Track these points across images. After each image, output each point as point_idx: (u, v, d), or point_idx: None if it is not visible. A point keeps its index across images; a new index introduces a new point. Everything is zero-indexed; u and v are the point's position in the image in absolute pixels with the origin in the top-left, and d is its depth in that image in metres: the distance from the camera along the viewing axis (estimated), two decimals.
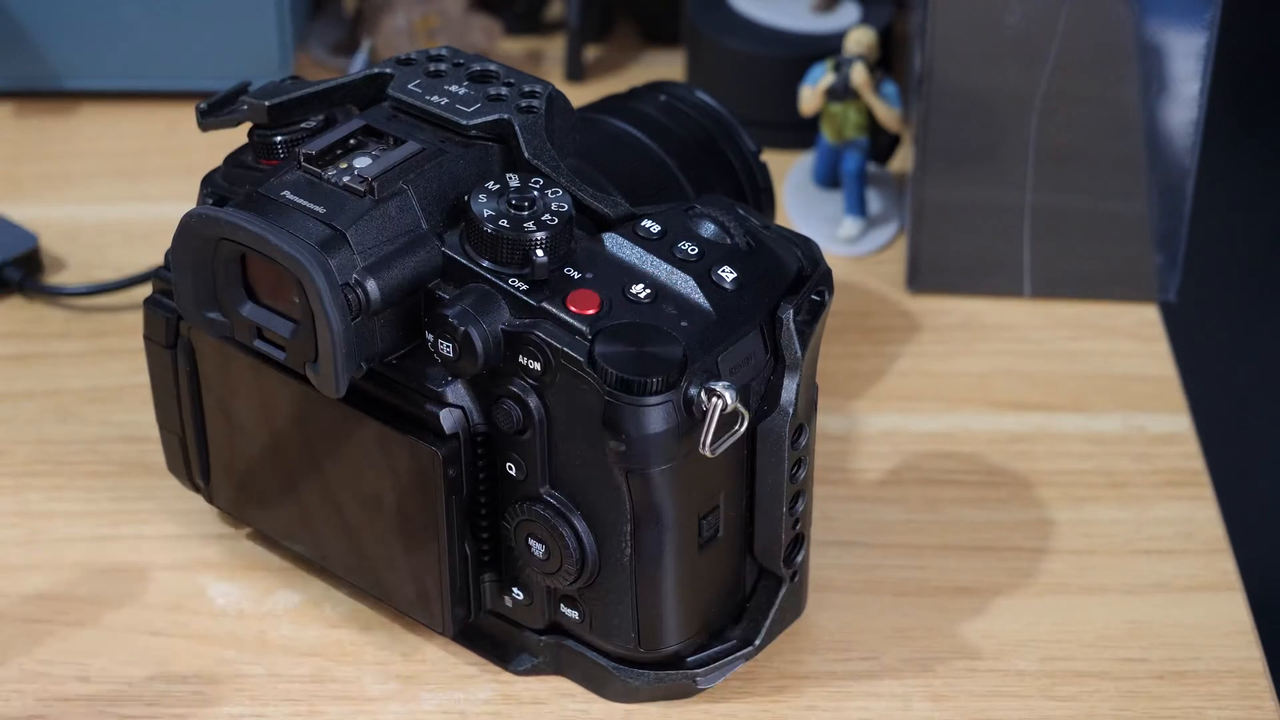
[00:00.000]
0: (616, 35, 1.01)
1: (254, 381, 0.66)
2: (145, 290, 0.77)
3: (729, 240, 0.64)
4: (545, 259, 0.62)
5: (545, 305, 0.61)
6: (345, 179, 0.63)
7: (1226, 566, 0.72)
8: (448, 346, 0.62)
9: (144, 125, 0.94)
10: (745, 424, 0.61)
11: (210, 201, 0.67)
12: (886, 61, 0.92)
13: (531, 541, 0.64)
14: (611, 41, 1.01)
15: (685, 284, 0.62)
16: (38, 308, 0.84)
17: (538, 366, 0.61)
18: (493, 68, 0.67)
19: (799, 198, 0.90)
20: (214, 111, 0.67)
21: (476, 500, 0.64)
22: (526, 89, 0.66)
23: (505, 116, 0.65)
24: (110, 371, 0.80)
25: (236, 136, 0.68)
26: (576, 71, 0.97)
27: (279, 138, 0.66)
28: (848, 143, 0.87)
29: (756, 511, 0.65)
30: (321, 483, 0.67)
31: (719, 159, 0.76)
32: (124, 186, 0.91)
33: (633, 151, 0.74)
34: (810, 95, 0.87)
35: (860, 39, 0.86)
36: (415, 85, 0.66)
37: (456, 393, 0.63)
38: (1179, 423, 0.79)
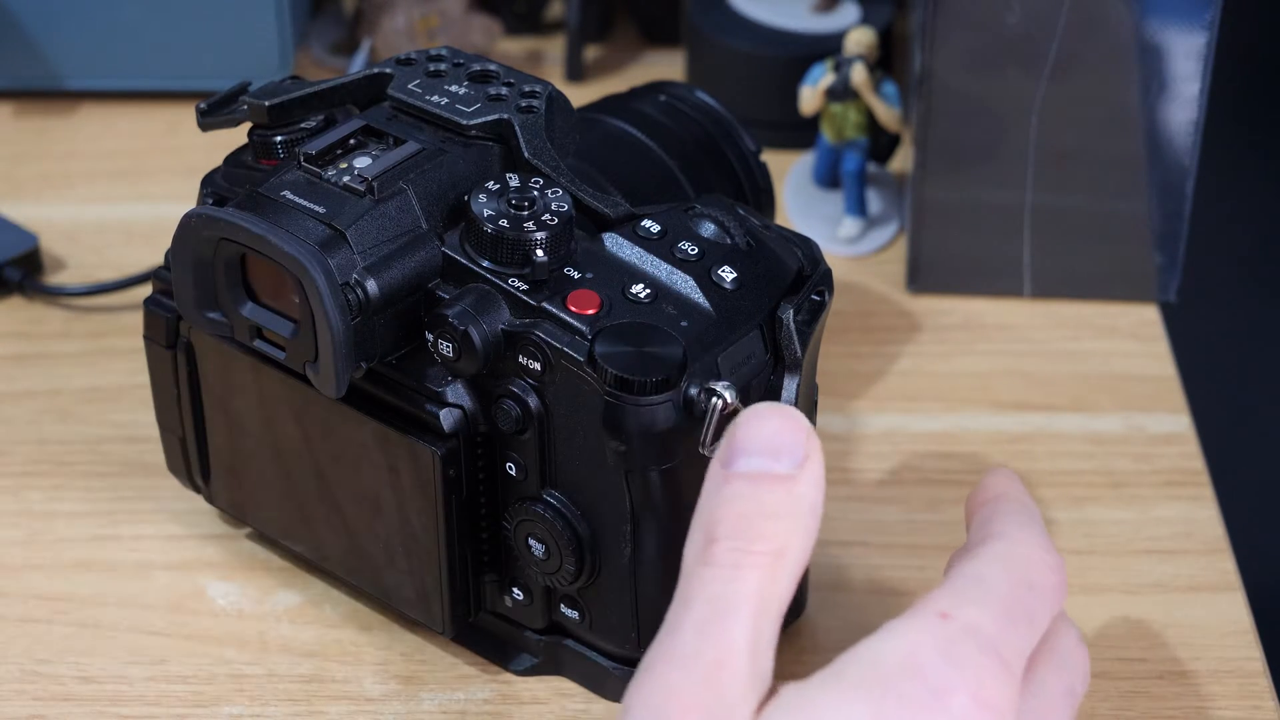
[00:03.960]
0: (616, 35, 1.01)
1: (254, 381, 0.66)
2: (145, 290, 0.77)
3: (729, 240, 0.64)
4: (545, 259, 0.62)
5: (545, 305, 0.61)
6: (345, 179, 0.63)
7: (1226, 566, 0.72)
8: (448, 346, 0.62)
9: (144, 125, 0.94)
10: None
11: (210, 201, 0.67)
12: (886, 61, 0.92)
13: (531, 541, 0.64)
14: (611, 41, 1.01)
15: (685, 284, 0.62)
16: (38, 308, 0.84)
17: (538, 366, 0.61)
18: (493, 68, 0.67)
19: (799, 198, 0.90)
20: (214, 111, 0.67)
21: (476, 500, 0.64)
22: (526, 89, 0.66)
23: (505, 116, 0.65)
24: (110, 372, 0.80)
25: (236, 136, 0.68)
26: (576, 71, 0.97)
27: (279, 138, 0.66)
28: (848, 143, 0.87)
29: None
30: (321, 483, 0.67)
31: (719, 159, 0.76)
32: (124, 186, 0.91)
33: (633, 151, 0.74)
34: (810, 95, 0.87)
35: (860, 39, 0.86)
36: (415, 85, 0.66)
37: (456, 393, 0.63)
38: (1179, 423, 0.79)
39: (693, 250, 0.63)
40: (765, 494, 0.54)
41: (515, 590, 0.66)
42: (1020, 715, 0.55)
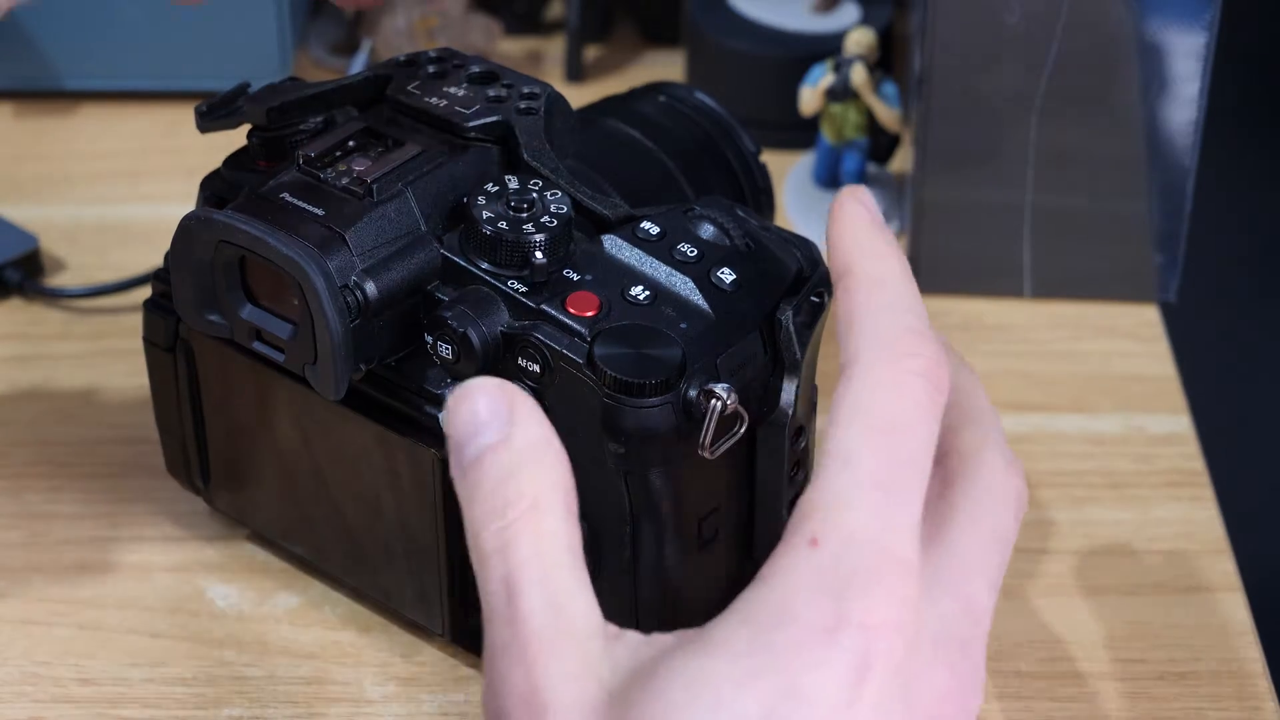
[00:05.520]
0: (616, 35, 1.01)
1: (253, 384, 0.66)
2: (145, 292, 0.77)
3: (728, 242, 0.64)
4: (544, 261, 0.62)
5: (544, 307, 0.61)
6: (344, 181, 0.63)
7: (1226, 567, 0.72)
8: (446, 348, 0.62)
9: (144, 125, 0.94)
10: (744, 425, 0.60)
11: (210, 203, 0.67)
12: (886, 61, 0.92)
13: None
14: (611, 41, 1.01)
15: (684, 286, 0.62)
16: (37, 309, 0.84)
17: (537, 368, 0.61)
18: (492, 69, 0.67)
19: (799, 198, 0.90)
20: (213, 113, 0.67)
21: None
22: (526, 90, 0.66)
23: (504, 118, 0.65)
24: (110, 373, 0.80)
25: (236, 137, 0.68)
26: (576, 71, 0.97)
27: (278, 139, 0.66)
28: (848, 143, 0.87)
29: (756, 513, 0.65)
30: (321, 484, 0.67)
31: (718, 160, 0.76)
32: (124, 187, 0.91)
33: (632, 153, 0.74)
34: (810, 95, 0.87)
35: (860, 39, 0.86)
36: (415, 87, 0.66)
37: None
38: (1179, 423, 0.79)
39: (692, 252, 0.63)
40: (493, 467, 0.53)
41: None
42: (934, 588, 0.50)
